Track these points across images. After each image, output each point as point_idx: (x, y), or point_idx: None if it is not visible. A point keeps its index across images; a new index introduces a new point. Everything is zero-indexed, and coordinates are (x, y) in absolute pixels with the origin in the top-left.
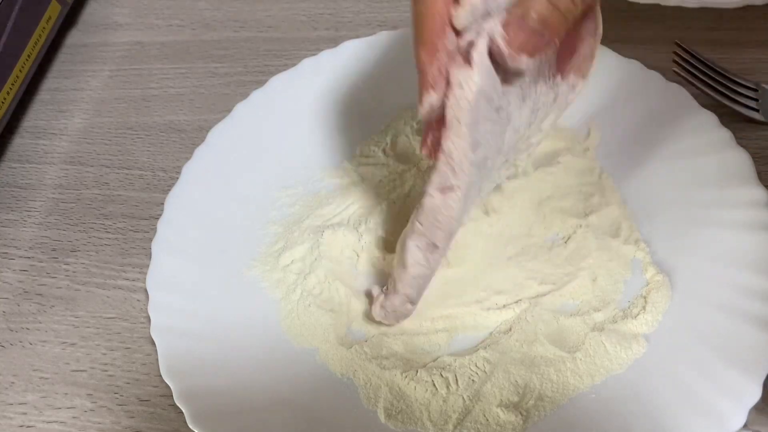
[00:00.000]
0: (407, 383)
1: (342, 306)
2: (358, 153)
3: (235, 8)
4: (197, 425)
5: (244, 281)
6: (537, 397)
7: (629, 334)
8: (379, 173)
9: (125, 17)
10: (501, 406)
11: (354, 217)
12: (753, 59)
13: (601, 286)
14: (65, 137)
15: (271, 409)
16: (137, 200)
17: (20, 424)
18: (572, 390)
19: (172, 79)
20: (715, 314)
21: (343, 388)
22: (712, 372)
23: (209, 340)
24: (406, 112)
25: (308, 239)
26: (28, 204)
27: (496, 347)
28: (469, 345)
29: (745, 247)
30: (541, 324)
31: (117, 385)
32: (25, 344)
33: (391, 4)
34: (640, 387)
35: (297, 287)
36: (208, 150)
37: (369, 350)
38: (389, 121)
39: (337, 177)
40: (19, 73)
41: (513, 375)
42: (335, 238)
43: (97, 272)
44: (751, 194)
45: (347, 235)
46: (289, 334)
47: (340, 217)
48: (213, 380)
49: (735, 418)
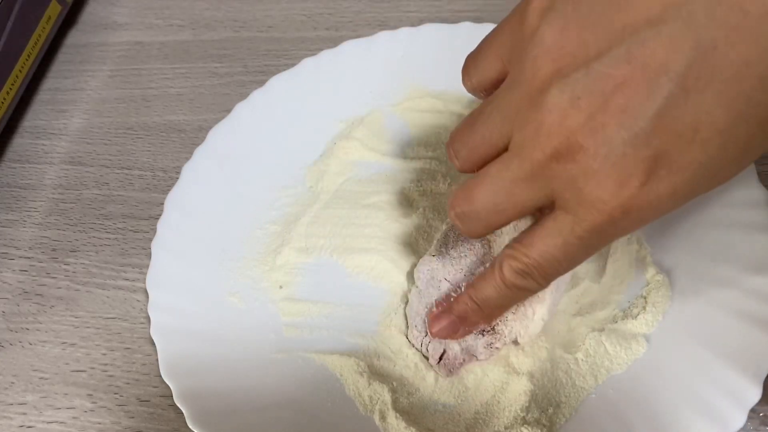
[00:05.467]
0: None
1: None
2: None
3: (235, 8)
4: (197, 425)
5: (243, 281)
6: (555, 405)
7: (629, 334)
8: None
9: (125, 17)
10: (525, 424)
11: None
12: None
13: (605, 287)
14: (65, 137)
15: (270, 410)
16: (137, 200)
17: (20, 424)
18: (581, 392)
19: (172, 79)
20: (715, 314)
21: (343, 389)
22: (712, 372)
23: (209, 340)
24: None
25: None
26: (28, 204)
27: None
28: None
29: (745, 247)
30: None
31: (117, 386)
32: (25, 344)
33: (391, 4)
34: (640, 387)
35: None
36: (208, 150)
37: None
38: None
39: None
40: (19, 73)
41: (525, 384)
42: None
43: (97, 272)
44: (751, 194)
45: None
46: (289, 334)
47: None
48: (213, 380)
49: (735, 418)
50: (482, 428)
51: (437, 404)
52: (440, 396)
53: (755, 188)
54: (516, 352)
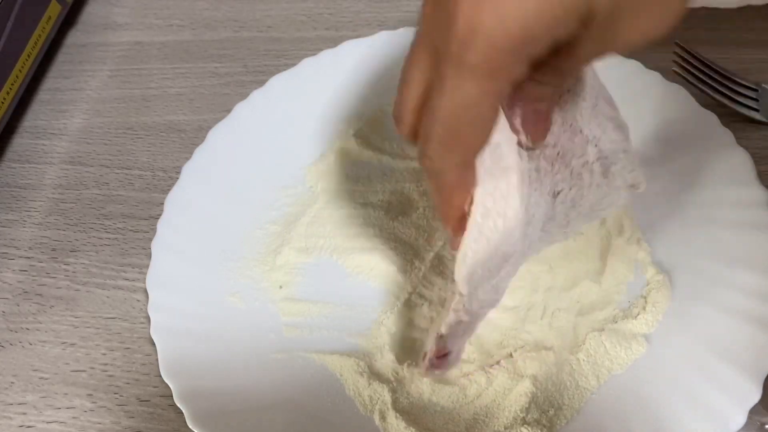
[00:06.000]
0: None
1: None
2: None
3: (235, 8)
4: (197, 425)
5: (243, 281)
6: (556, 407)
7: (629, 334)
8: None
9: (125, 17)
10: (525, 424)
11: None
12: (753, 59)
13: (605, 288)
14: (65, 137)
15: (271, 410)
16: (137, 200)
17: (20, 424)
18: (584, 393)
19: (172, 79)
20: (715, 314)
21: (342, 389)
22: (712, 372)
23: (209, 340)
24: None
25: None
26: (28, 204)
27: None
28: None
29: (745, 247)
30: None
31: (117, 386)
32: (25, 344)
33: (391, 4)
34: (640, 387)
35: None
36: (208, 150)
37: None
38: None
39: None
40: (19, 73)
41: (527, 386)
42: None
43: (97, 272)
44: (751, 194)
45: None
46: (289, 334)
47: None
48: (213, 380)
49: (735, 418)
50: (482, 428)
51: (437, 404)
52: (440, 399)
53: (755, 188)
54: (524, 356)
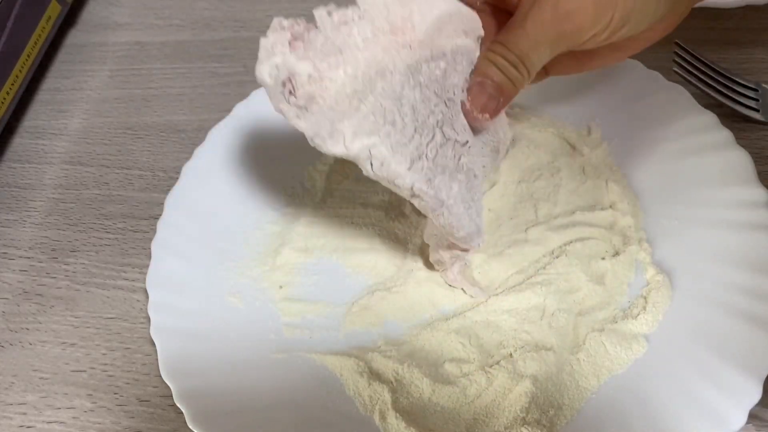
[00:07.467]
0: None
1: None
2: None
3: (235, 8)
4: (197, 425)
5: (243, 281)
6: (556, 407)
7: (629, 334)
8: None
9: (125, 17)
10: (525, 424)
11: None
12: (753, 59)
13: (607, 288)
14: (65, 137)
15: (270, 410)
16: (137, 200)
17: (20, 424)
18: (584, 393)
19: (172, 79)
20: (715, 314)
21: (342, 389)
22: (712, 372)
23: (209, 340)
24: None
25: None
26: (28, 204)
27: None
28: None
29: (745, 247)
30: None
31: (117, 386)
32: (25, 344)
33: None
34: (640, 387)
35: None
36: (207, 150)
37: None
38: None
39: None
40: (19, 73)
41: (527, 386)
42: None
43: (97, 272)
44: (751, 194)
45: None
46: (289, 334)
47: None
48: (213, 380)
49: (735, 418)
50: (482, 428)
51: (437, 405)
52: (440, 399)
53: (755, 188)
54: (524, 356)
